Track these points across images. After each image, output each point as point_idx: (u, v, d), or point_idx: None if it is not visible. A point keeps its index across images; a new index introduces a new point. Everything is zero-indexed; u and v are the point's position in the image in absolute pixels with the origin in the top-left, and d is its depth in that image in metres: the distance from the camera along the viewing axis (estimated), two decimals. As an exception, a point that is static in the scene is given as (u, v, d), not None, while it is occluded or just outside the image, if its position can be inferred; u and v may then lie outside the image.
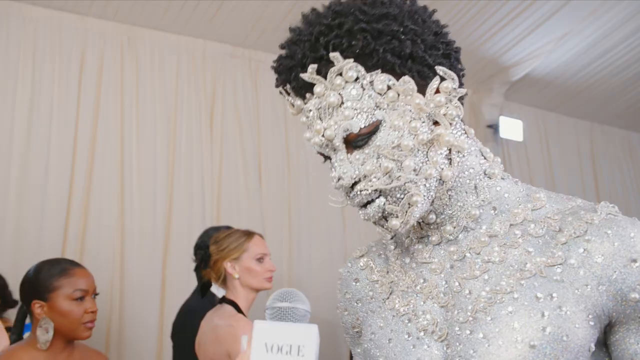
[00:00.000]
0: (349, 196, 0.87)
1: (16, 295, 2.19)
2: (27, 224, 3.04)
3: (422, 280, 0.92)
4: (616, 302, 0.79)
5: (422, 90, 0.85)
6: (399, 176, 0.83)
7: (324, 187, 3.91)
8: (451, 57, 0.88)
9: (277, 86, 0.92)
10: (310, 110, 0.87)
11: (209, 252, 2.27)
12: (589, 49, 4.21)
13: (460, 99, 0.88)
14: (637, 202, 5.67)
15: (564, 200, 0.89)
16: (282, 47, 0.90)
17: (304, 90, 0.87)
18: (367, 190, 0.84)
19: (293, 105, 0.91)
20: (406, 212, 0.85)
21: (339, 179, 0.86)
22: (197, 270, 2.40)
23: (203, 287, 2.32)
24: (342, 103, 0.84)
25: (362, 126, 0.83)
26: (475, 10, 3.63)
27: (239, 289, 2.16)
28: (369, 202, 0.86)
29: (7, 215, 2.99)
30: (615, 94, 4.92)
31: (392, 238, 1.00)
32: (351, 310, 1.02)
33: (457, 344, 0.83)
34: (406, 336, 0.89)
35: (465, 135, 0.91)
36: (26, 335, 1.99)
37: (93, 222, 3.20)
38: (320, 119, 0.86)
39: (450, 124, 0.86)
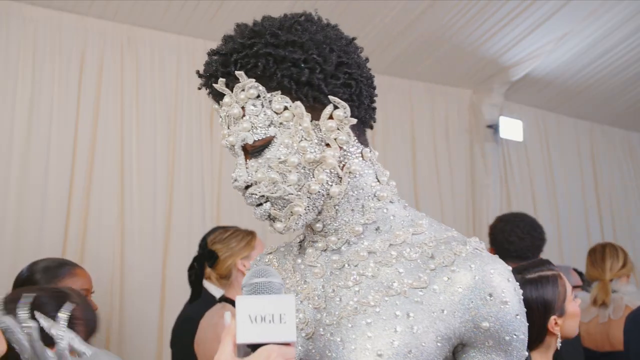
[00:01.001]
0: (245, 197, 0.98)
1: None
2: (27, 224, 3.04)
3: (304, 282, 1.01)
4: (468, 328, 0.88)
5: (318, 114, 0.94)
6: (283, 188, 0.93)
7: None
8: (352, 86, 0.95)
9: (199, 88, 1.03)
10: (223, 115, 0.98)
11: (212, 251, 2.27)
12: (589, 49, 4.21)
13: (365, 122, 1.00)
14: (637, 202, 5.67)
15: (442, 229, 0.97)
16: (207, 54, 1.01)
17: (218, 97, 0.99)
18: (256, 194, 0.96)
19: (219, 109, 1.01)
20: (289, 219, 0.96)
21: (235, 180, 0.98)
22: (194, 269, 2.37)
23: (196, 287, 2.31)
24: (243, 116, 0.94)
25: (256, 139, 0.94)
26: (475, 11, 3.63)
27: None
28: (259, 204, 0.97)
29: (7, 215, 2.99)
30: (615, 94, 4.92)
31: (300, 242, 1.10)
32: None
33: (319, 343, 0.93)
34: None
35: (361, 158, 0.99)
36: None
37: (93, 222, 3.20)
38: (227, 126, 0.97)
39: (341, 147, 0.95)
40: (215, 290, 2.46)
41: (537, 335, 1.75)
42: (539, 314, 1.74)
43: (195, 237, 3.38)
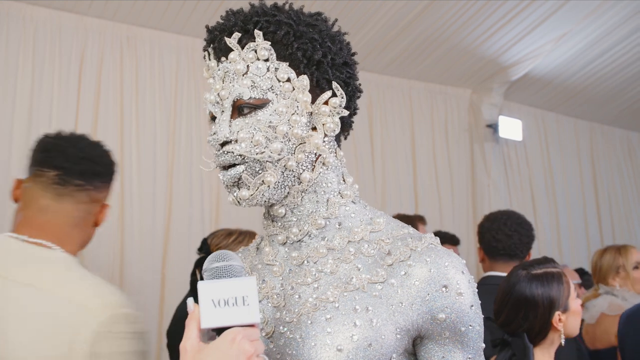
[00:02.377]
0: (217, 154, 0.97)
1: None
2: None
3: (262, 281, 1.01)
4: (426, 320, 0.90)
5: (314, 98, 0.98)
6: (263, 152, 0.93)
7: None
8: (349, 86, 1.00)
9: (204, 48, 1.03)
10: (219, 72, 0.98)
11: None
12: (588, 49, 4.22)
13: (345, 127, 1.03)
14: (636, 201, 5.68)
15: (399, 227, 0.99)
16: (226, 12, 1.01)
17: (221, 54, 0.99)
18: (233, 152, 0.95)
19: (208, 68, 1.03)
20: (257, 188, 0.95)
21: (213, 133, 0.96)
22: (195, 275, 2.36)
23: (195, 296, 2.30)
24: (246, 74, 0.95)
25: (254, 96, 0.94)
26: (474, 10, 3.64)
27: None
28: (231, 166, 0.96)
29: (7, 215, 3.00)
30: (615, 93, 4.93)
31: (257, 245, 1.10)
32: None
33: (279, 342, 0.93)
34: None
35: (335, 155, 1.02)
36: None
37: (93, 221, 3.21)
38: (223, 80, 0.97)
39: (326, 134, 0.98)
40: None
41: (540, 329, 1.76)
42: (544, 310, 1.75)
43: (194, 236, 3.38)
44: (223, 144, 0.96)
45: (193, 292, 2.34)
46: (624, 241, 5.13)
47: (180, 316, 2.52)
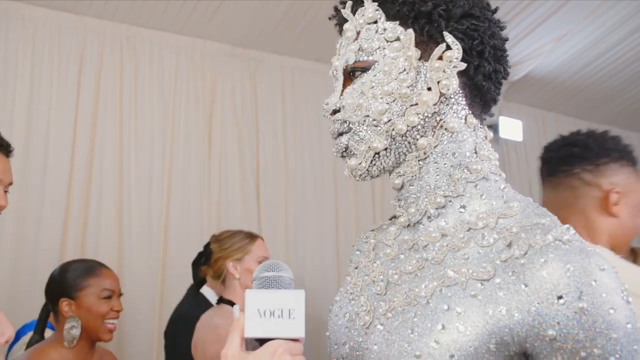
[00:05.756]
0: (330, 125, 0.93)
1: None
2: (26, 225, 3.03)
3: (373, 262, 0.95)
4: (529, 334, 0.72)
5: (427, 55, 0.88)
6: (367, 115, 0.87)
7: (319, 188, 3.91)
8: (474, 38, 0.88)
9: (329, 18, 1.01)
10: (338, 46, 0.96)
11: (210, 249, 2.28)
12: (588, 49, 4.21)
13: (481, 92, 0.91)
14: (637, 202, 5.67)
15: (535, 215, 0.81)
16: None
17: (341, 27, 0.97)
18: (340, 120, 0.90)
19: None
20: (364, 155, 0.89)
21: (326, 103, 0.93)
22: (195, 265, 2.40)
23: (197, 284, 2.33)
24: (356, 39, 0.91)
25: (359, 59, 0.90)
26: (474, 10, 3.63)
27: (237, 290, 2.18)
28: (340, 134, 0.91)
29: (6, 216, 2.99)
30: (615, 93, 4.92)
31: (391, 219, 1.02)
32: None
33: (372, 334, 0.85)
34: (345, 316, 0.93)
35: (463, 122, 0.89)
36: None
37: (92, 222, 3.20)
38: (338, 54, 0.95)
39: (442, 94, 0.87)
40: (212, 297, 2.46)
41: None
42: None
43: (193, 236, 3.38)
44: (333, 113, 0.92)
45: (195, 285, 2.37)
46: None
47: (178, 317, 2.52)
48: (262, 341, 0.78)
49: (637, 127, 5.75)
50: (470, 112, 0.90)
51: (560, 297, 0.70)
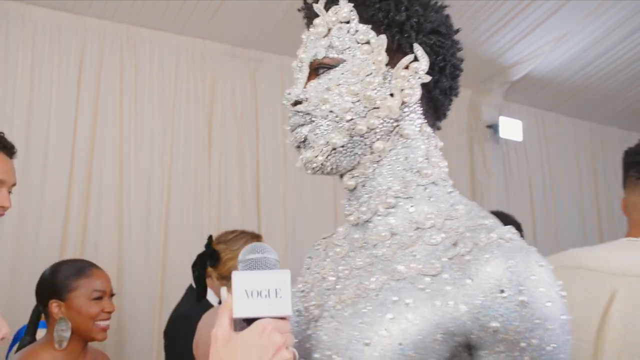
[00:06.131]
0: (289, 116, 0.95)
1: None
2: (26, 225, 3.03)
3: (324, 260, 0.98)
4: (474, 326, 0.75)
5: (394, 62, 0.92)
6: (331, 110, 0.90)
7: (318, 189, 3.91)
8: (438, 54, 0.93)
9: (298, 9, 1.03)
10: (304, 38, 0.98)
11: (216, 250, 2.26)
12: (588, 49, 4.21)
13: (437, 104, 0.97)
14: (637, 202, 5.66)
15: (480, 217, 0.85)
16: None
17: (310, 22, 0.98)
18: (301, 112, 0.92)
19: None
20: (322, 149, 0.91)
21: (288, 93, 0.94)
22: (200, 267, 2.36)
23: (200, 286, 2.30)
24: (326, 35, 0.94)
25: (328, 56, 0.92)
26: (473, 10, 3.63)
27: None
28: (300, 125, 0.93)
29: (7, 216, 2.98)
30: (615, 93, 4.92)
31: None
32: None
33: (322, 327, 0.87)
34: (295, 313, 0.95)
35: (418, 129, 0.94)
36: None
37: (92, 222, 3.20)
38: (305, 46, 0.96)
39: (404, 102, 0.91)
40: (213, 298, 2.45)
41: None
42: None
43: (193, 236, 3.38)
44: (295, 104, 0.94)
45: (196, 286, 2.34)
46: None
47: (177, 316, 2.51)
48: (250, 321, 0.80)
49: (637, 127, 5.75)
50: (425, 121, 0.96)
51: (502, 291, 0.74)
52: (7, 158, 1.69)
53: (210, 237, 2.45)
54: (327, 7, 0.96)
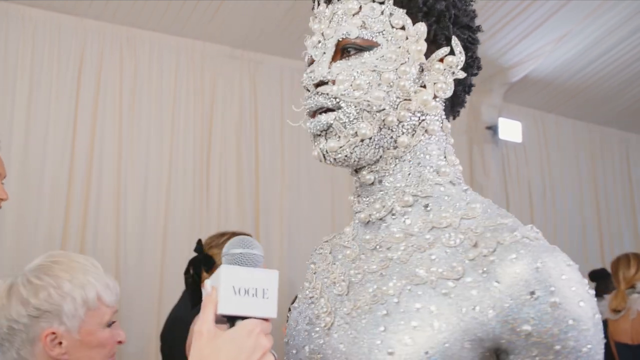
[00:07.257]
0: (308, 96, 0.86)
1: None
2: (26, 224, 3.04)
3: (333, 264, 0.92)
4: (504, 330, 0.72)
5: (428, 54, 0.87)
6: (364, 97, 0.82)
7: (316, 190, 3.91)
8: (469, 50, 0.89)
9: None
10: (327, 13, 0.89)
11: (209, 255, 2.23)
12: (588, 50, 4.21)
13: (456, 100, 0.92)
14: (635, 203, 5.67)
15: (498, 216, 0.81)
16: None
17: None
18: (328, 94, 0.84)
19: (315, 17, 0.93)
20: (349, 139, 0.83)
21: (311, 72, 0.86)
22: (194, 274, 2.32)
23: (195, 292, 2.27)
24: (357, 13, 0.86)
25: (363, 37, 0.84)
26: (474, 11, 3.63)
27: None
28: (322, 112, 0.85)
29: (6, 216, 2.99)
30: (615, 94, 4.92)
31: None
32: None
33: (335, 335, 0.82)
34: (305, 320, 0.90)
35: (440, 126, 0.89)
36: None
37: (91, 222, 3.20)
38: (330, 21, 0.88)
39: (436, 96, 0.86)
40: None
41: None
42: None
43: (192, 237, 3.37)
44: (318, 85, 0.85)
45: (190, 292, 2.31)
46: (622, 242, 5.13)
47: (174, 320, 2.50)
48: (230, 318, 0.77)
49: (637, 127, 5.75)
50: (445, 117, 0.91)
51: (532, 293, 0.71)
52: None
53: (199, 242, 2.41)
54: None
